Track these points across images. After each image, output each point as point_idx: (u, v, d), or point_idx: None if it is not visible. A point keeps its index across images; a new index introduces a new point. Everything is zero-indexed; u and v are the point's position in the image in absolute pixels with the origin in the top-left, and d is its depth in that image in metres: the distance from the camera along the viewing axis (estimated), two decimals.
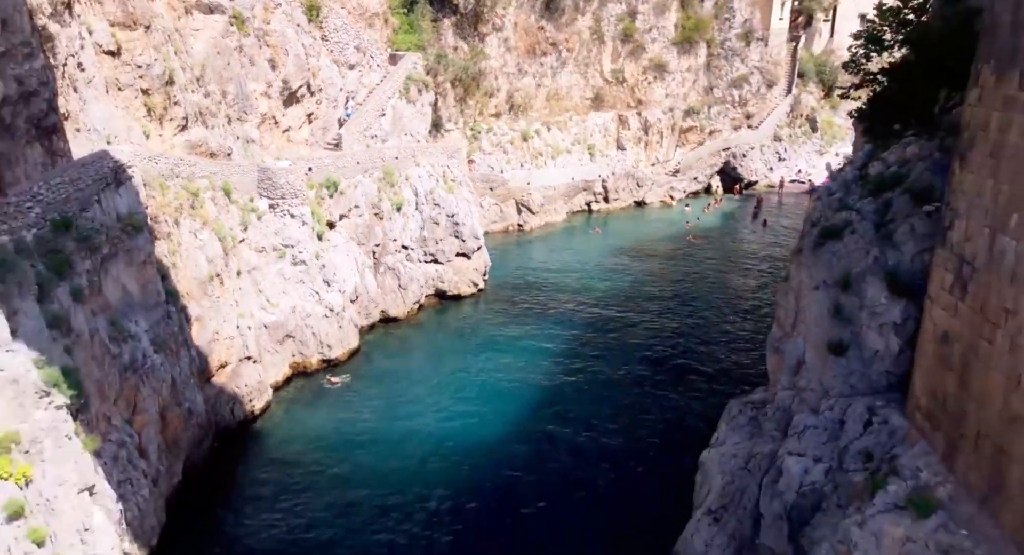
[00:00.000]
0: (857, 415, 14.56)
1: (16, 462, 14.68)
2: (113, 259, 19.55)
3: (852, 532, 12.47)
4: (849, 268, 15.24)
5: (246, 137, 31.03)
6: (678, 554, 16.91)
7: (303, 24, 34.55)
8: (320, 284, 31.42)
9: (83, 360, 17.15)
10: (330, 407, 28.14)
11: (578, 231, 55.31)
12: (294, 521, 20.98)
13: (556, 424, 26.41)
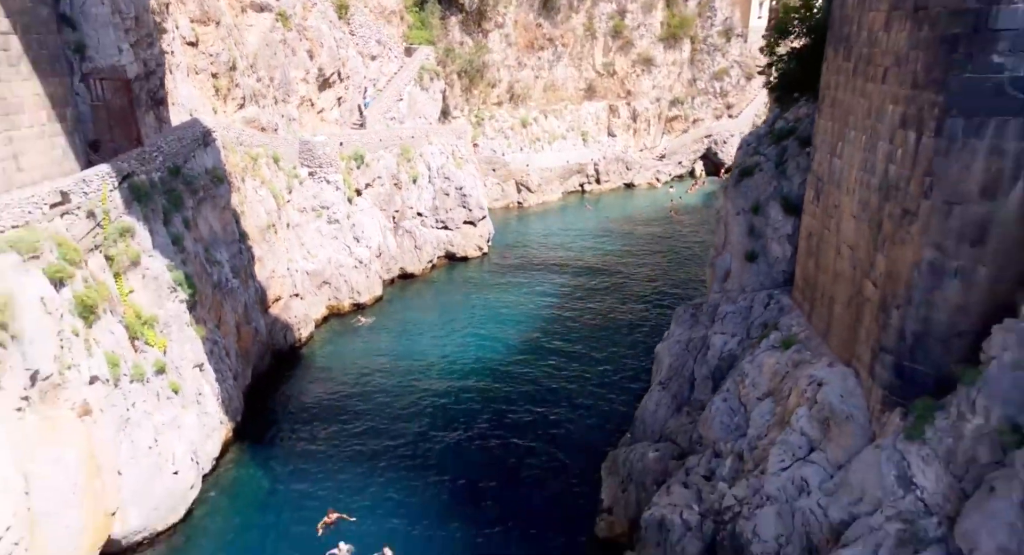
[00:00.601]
0: (760, 301, 20.17)
1: (158, 336, 20.23)
2: (204, 202, 25.09)
3: (745, 367, 18.09)
4: (759, 197, 20.84)
5: (288, 116, 36.54)
6: (637, 417, 22.48)
7: (334, 21, 40.05)
8: (351, 240, 36.98)
9: (193, 272, 22.71)
10: (360, 340, 33.63)
11: (572, 208, 60.82)
12: (332, 422, 26.12)
13: (548, 345, 31.92)
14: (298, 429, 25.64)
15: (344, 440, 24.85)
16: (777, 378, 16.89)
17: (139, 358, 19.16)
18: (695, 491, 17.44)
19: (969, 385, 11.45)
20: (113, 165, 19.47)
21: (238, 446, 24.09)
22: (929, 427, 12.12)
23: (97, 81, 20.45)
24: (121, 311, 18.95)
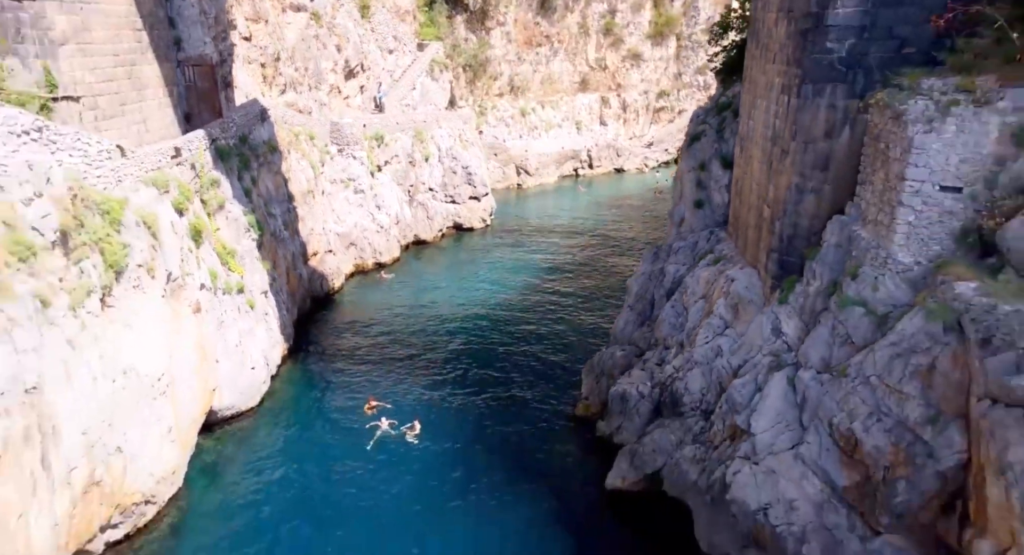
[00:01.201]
0: (704, 237, 25.85)
1: (237, 264, 25.89)
2: (263, 166, 30.77)
3: (687, 281, 23.78)
4: (704, 157, 26.50)
5: (320, 101, 42.16)
6: (611, 333, 28.16)
7: (358, 19, 45.65)
8: (373, 208, 42.65)
9: (258, 219, 28.37)
10: (382, 291, 39.27)
11: (566, 190, 66.50)
12: (363, 347, 31.63)
13: (543, 289, 37.57)
14: (336, 351, 31.31)
15: (374, 359, 30.49)
16: (708, 285, 22.60)
17: (227, 278, 24.84)
18: (649, 373, 23.15)
19: (812, 260, 17.19)
20: (206, 131, 25.12)
21: (291, 360, 29.77)
22: (791, 295, 17.86)
23: (189, 67, 26.00)
24: (213, 242, 24.61)
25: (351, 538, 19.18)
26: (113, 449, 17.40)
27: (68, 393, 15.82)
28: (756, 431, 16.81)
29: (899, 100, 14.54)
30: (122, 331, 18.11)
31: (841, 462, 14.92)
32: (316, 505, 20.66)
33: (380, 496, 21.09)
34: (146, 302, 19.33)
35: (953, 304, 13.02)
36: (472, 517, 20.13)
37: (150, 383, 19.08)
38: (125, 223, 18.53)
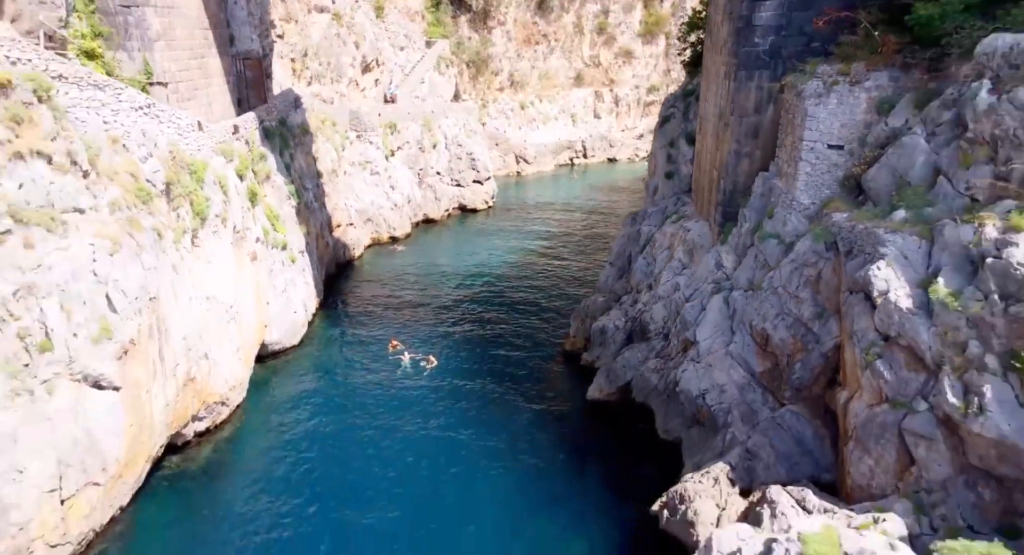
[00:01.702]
0: (671, 202, 30.61)
1: (281, 225, 30.61)
2: (298, 146, 35.52)
3: (656, 237, 28.54)
4: (673, 136, 31.26)
5: (340, 92, 46.89)
6: (596, 285, 32.94)
7: (373, 19, 50.35)
8: (388, 188, 47.42)
9: (297, 189, 33.13)
10: (396, 260, 44.01)
11: (562, 177, 71.28)
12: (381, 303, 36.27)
13: (540, 255, 42.32)
14: (360, 305, 36.10)
15: (392, 311, 35.25)
16: (671, 237, 27.38)
17: (274, 235, 29.61)
18: (623, 311, 27.94)
19: (744, 208, 21.99)
20: (255, 113, 29.86)
21: (322, 312, 34.53)
22: (730, 236, 22.66)
23: (240, 60, 30.68)
24: (263, 205, 29.35)
25: (380, 444, 23.81)
26: (202, 355, 22.23)
27: (174, 306, 20.64)
28: (700, 339, 21.63)
29: (800, 81, 19.32)
30: (206, 266, 22.92)
31: (757, 354, 19.74)
32: (351, 421, 25.29)
33: (405, 414, 25.74)
34: (220, 246, 24.13)
35: (831, 229, 17.82)
36: (479, 426, 24.85)
37: (224, 309, 23.90)
38: (206, 182, 23.33)
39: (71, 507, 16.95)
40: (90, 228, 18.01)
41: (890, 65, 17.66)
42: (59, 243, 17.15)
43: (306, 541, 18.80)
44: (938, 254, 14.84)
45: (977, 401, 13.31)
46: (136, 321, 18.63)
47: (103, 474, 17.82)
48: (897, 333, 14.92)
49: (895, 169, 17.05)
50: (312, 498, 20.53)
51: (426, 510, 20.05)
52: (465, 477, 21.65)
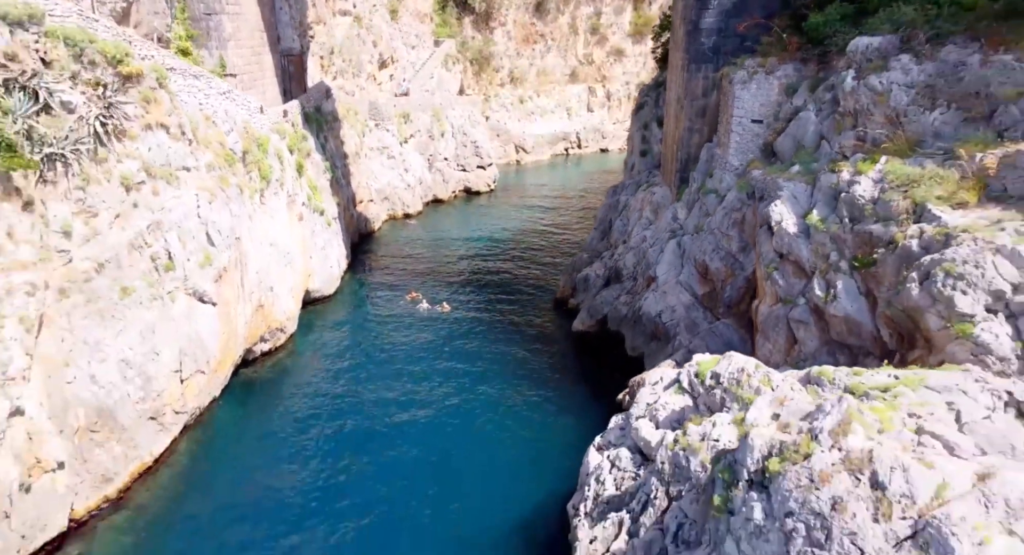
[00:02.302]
0: (645, 176, 36.31)
1: (319, 195, 36.35)
2: (330, 130, 41.22)
3: (630, 202, 34.25)
4: (647, 120, 36.96)
5: (360, 85, 52.56)
6: (583, 245, 38.63)
7: (388, 21, 55.99)
8: (402, 171, 53.12)
9: (330, 166, 38.85)
10: (409, 231, 49.78)
11: (558, 165, 76.95)
12: (399, 264, 42.13)
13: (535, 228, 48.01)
14: (381, 266, 41.85)
15: (410, 269, 40.98)
16: (642, 201, 33.10)
17: (315, 202, 35.34)
18: (603, 263, 33.67)
19: (693, 172, 27.74)
20: (298, 101, 35.55)
21: (350, 272, 40.28)
22: (683, 195, 28.40)
23: (284, 57, 36.32)
24: (306, 177, 35.05)
25: (406, 368, 29.53)
26: (268, 288, 28.00)
27: (250, 246, 26.40)
28: (659, 274, 27.38)
29: (733, 72, 25.03)
30: (270, 219, 28.67)
31: (699, 281, 25.49)
32: (381, 353, 30.94)
33: (425, 346, 31.45)
34: (279, 205, 29.87)
35: (751, 182, 23.54)
36: (485, 353, 30.53)
37: (282, 255, 29.66)
38: (269, 153, 29.06)
39: (187, 386, 22.74)
40: (194, 182, 23.76)
41: (794, 59, 23.36)
42: (175, 192, 22.90)
43: (348, 436, 24.54)
44: (816, 194, 20.57)
45: (833, 292, 19.06)
46: (227, 254, 24.40)
47: (207, 366, 23.61)
48: (787, 251, 20.66)
49: (795, 136, 22.78)
50: (351, 406, 26.13)
51: (442, 411, 25.81)
52: (474, 387, 27.40)
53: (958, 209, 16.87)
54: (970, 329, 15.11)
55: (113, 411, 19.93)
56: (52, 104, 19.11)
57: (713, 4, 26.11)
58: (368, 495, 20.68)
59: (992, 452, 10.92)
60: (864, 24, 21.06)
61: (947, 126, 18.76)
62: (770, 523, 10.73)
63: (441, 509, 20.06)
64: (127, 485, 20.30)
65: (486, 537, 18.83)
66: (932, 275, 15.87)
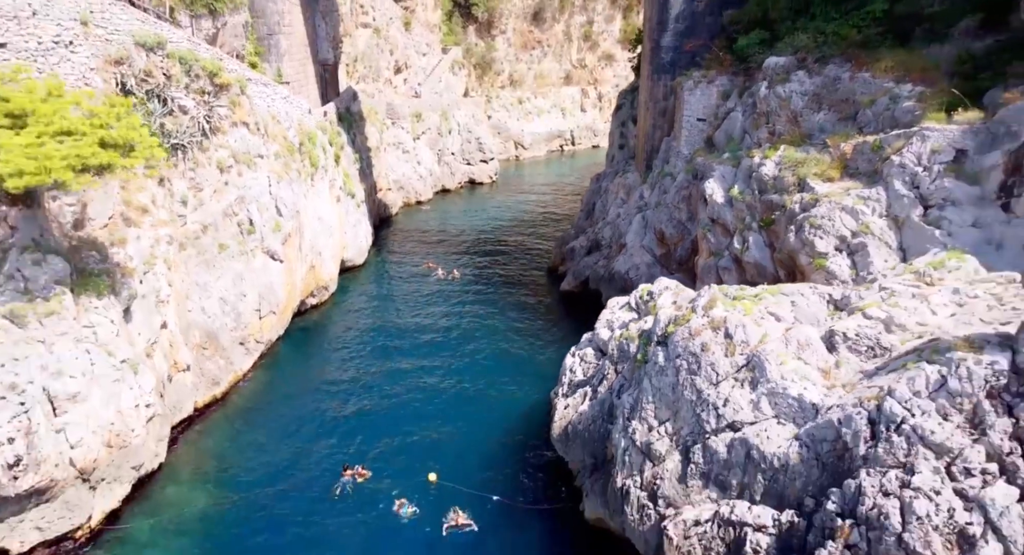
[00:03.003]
0: (622, 166, 42.90)
1: (350, 182, 43.00)
2: (356, 128, 47.76)
3: (609, 188, 40.84)
4: (624, 118, 43.57)
5: (379, 89, 59.10)
6: (572, 224, 45.21)
7: (402, 31, 62.48)
8: (415, 164, 59.72)
9: (358, 158, 45.47)
10: (422, 216, 56.40)
11: (553, 161, 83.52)
12: (414, 239, 48.87)
13: (532, 211, 54.58)
14: (400, 243, 48.46)
15: (424, 245, 47.60)
16: (618, 186, 39.68)
17: (348, 187, 41.92)
18: (587, 237, 40.26)
19: (655, 160, 34.36)
20: (334, 103, 42.08)
21: (374, 247, 46.88)
22: (648, 179, 35.03)
23: (321, 65, 42.83)
24: (341, 166, 41.62)
25: (425, 321, 36.16)
26: (317, 253, 34.62)
27: (305, 218, 33.01)
28: (628, 241, 34.00)
29: (683, 81, 31.61)
30: (317, 198, 35.28)
31: (657, 244, 32.12)
32: (405, 309, 37.49)
33: (440, 303, 38.04)
34: (323, 188, 36.49)
35: (696, 166, 30.14)
36: (489, 308, 37.15)
37: (327, 227, 36.28)
38: (316, 145, 35.65)
39: (264, 322, 29.38)
40: (266, 166, 30.36)
41: (727, 72, 29.91)
42: (254, 174, 29.50)
43: (379, 364, 31.24)
44: (738, 174, 27.16)
45: (746, 245, 25.66)
46: (291, 222, 31.02)
47: (276, 308, 30.26)
48: (717, 216, 27.25)
49: (727, 131, 29.37)
50: (382, 344, 32.82)
51: (457, 348, 32.47)
52: (481, 330, 34.03)
53: (827, 182, 23.51)
54: (824, 262, 21.80)
55: (217, 335, 26.60)
56: (174, 107, 25.72)
57: (670, 28, 32.68)
58: (398, 397, 27.37)
59: (804, 321, 17.55)
60: (774, 47, 27.62)
61: (827, 123, 25.39)
62: (667, 363, 17.39)
63: (460, 404, 26.74)
64: (226, 391, 26.96)
65: (495, 419, 25.52)
66: (803, 227, 22.57)
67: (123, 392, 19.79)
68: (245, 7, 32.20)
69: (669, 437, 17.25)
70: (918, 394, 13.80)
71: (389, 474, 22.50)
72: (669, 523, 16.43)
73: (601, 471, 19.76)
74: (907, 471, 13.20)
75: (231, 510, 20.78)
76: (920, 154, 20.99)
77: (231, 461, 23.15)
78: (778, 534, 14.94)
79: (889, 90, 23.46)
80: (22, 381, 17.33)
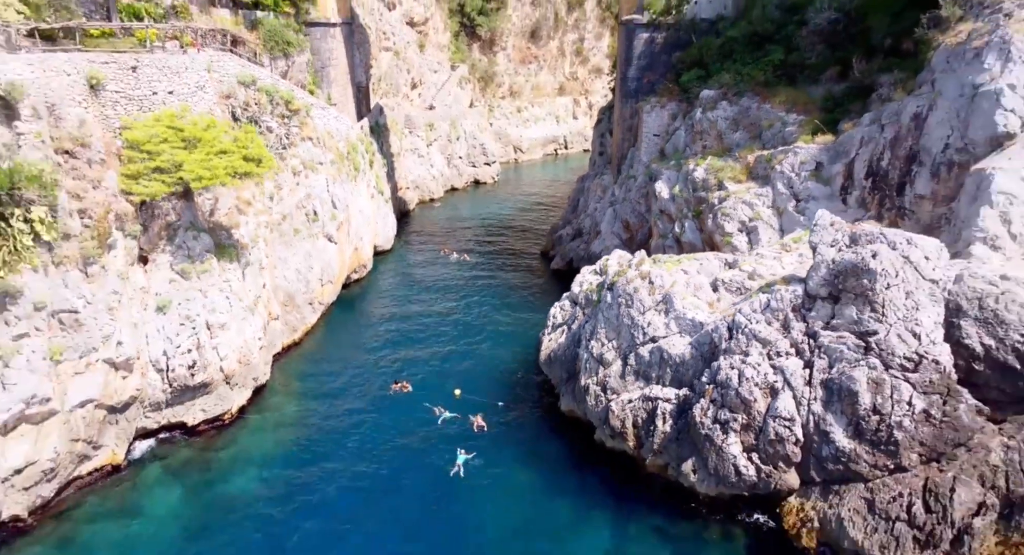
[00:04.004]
0: (602, 169, 51.55)
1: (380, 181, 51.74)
2: (383, 137, 56.40)
3: (589, 187, 49.52)
4: (603, 130, 52.21)
5: (397, 103, 67.70)
6: (561, 216, 53.89)
7: (418, 52, 71.03)
8: (429, 166, 68.37)
9: (385, 161, 54.14)
10: (435, 212, 65.01)
11: (548, 163, 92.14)
12: (431, 234, 57.43)
13: (531, 204, 63.16)
14: (418, 233, 57.09)
15: (439, 234, 56.23)
16: (597, 186, 48.32)
17: (379, 186, 50.55)
18: (572, 226, 48.92)
19: (623, 166, 43.07)
20: (367, 118, 50.67)
21: (397, 238, 55.51)
22: (619, 180, 43.74)
23: (356, 87, 51.37)
24: (373, 170, 50.20)
25: (441, 292, 44.71)
26: (359, 238, 43.32)
27: (352, 210, 41.69)
28: (602, 229, 42.69)
29: (643, 105, 40.24)
30: (358, 195, 43.96)
31: (624, 231, 40.81)
32: (426, 282, 46.17)
33: (453, 280, 46.60)
34: (363, 187, 45.16)
35: (651, 171, 38.80)
36: (494, 282, 45.80)
37: (365, 218, 44.96)
38: (358, 153, 44.31)
39: (324, 289, 38.04)
40: (324, 171, 38.98)
41: (675, 100, 38.49)
42: (316, 177, 38.11)
43: (409, 322, 39.98)
44: (679, 177, 35.79)
45: (683, 229, 34.30)
46: (342, 214, 39.69)
47: (332, 279, 38.93)
48: (664, 208, 35.90)
49: (674, 144, 38.00)
50: (410, 308, 41.59)
51: (467, 309, 41.16)
52: (488, 296, 42.69)
53: (736, 184, 32.19)
54: (730, 239, 30.52)
55: (294, 296, 35.28)
56: (263, 129, 34.34)
57: (634, 63, 41.28)
58: (426, 341, 36.06)
59: (704, 274, 26.21)
60: (707, 82, 36.23)
61: (741, 140, 34.04)
62: (612, 301, 26.08)
63: (474, 344, 35.43)
64: (301, 337, 35.62)
65: (500, 354, 34.22)
66: (717, 215, 31.28)
67: (247, 327, 28.49)
68: (307, 48, 40.79)
69: (614, 350, 25.95)
70: (755, 311, 22.53)
71: (424, 389, 31.16)
72: (612, 403, 25.15)
73: (572, 380, 28.46)
74: (744, 355, 21.93)
75: (315, 411, 29.45)
76: (794, 164, 29.71)
77: (311, 381, 31.86)
78: (677, 403, 23.66)
79: (781, 118, 32.17)
80: (192, 314, 26.04)
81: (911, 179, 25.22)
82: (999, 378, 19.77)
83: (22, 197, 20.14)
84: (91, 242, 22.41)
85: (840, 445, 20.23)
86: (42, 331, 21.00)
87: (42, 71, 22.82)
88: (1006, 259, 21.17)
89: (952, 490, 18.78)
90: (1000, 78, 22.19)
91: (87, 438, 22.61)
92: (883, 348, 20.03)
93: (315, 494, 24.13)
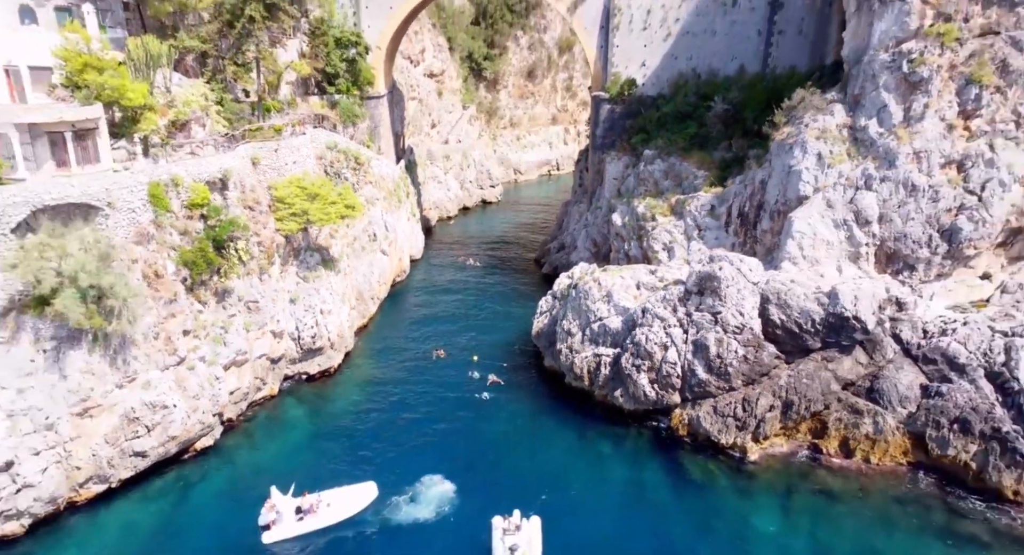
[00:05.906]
0: (580, 197, 65.41)
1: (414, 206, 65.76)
2: (413, 172, 70.19)
3: (571, 211, 63.37)
4: (581, 168, 66.06)
5: (420, 140, 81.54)
6: (551, 233, 67.65)
7: (436, 98, 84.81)
8: (446, 190, 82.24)
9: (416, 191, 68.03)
10: (451, 227, 78.81)
11: (543, 183, 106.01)
12: (451, 244, 71.19)
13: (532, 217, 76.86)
14: (441, 244, 70.89)
15: (458, 245, 70.00)
16: (576, 211, 62.18)
17: (413, 210, 64.37)
18: (559, 241, 62.76)
19: (595, 198, 56.98)
20: (404, 158, 64.45)
21: (425, 248, 69.28)
22: (591, 206, 57.64)
23: (395, 135, 64.98)
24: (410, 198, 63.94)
25: (462, 286, 58.62)
26: (402, 250, 57.21)
27: (397, 231, 55.56)
28: (578, 245, 56.53)
29: (606, 157, 54.05)
30: (401, 219, 57.83)
31: (592, 247, 54.67)
32: (451, 281, 59.96)
33: (468, 280, 60.39)
34: (404, 213, 59.04)
35: (610, 205, 52.60)
36: (497, 281, 59.54)
37: (404, 236, 58.81)
38: (399, 188, 58.19)
39: (379, 288, 51.94)
40: (380, 204, 52.83)
41: (628, 154, 52.23)
42: (374, 209, 51.95)
43: (438, 308, 53.89)
44: (628, 210, 49.54)
45: (630, 248, 48.11)
46: (392, 234, 53.60)
47: (385, 281, 52.83)
48: (617, 233, 49.69)
49: (627, 186, 51.79)
50: (438, 298, 55.48)
51: (478, 301, 55.03)
52: (493, 292, 56.54)
53: (664, 217, 46.02)
54: (658, 255, 44.43)
55: (363, 293, 49.17)
56: (341, 180, 48.17)
57: (600, 126, 55.07)
58: (450, 322, 49.92)
59: (632, 279, 40.02)
60: (649, 144, 50.03)
61: (669, 187, 47.87)
62: (576, 294, 39.97)
63: (484, 324, 49.27)
64: (366, 323, 49.50)
65: (505, 332, 48.05)
66: (650, 238, 45.19)
67: (342, 313, 42.34)
68: (367, 116, 54.69)
69: (577, 326, 39.73)
70: (658, 301, 36.41)
71: (453, 354, 44.96)
72: (575, 359, 38.96)
73: (551, 346, 42.23)
74: (650, 327, 35.79)
75: (383, 367, 43.28)
76: (698, 206, 43.54)
77: (379, 349, 45.73)
78: (613, 357, 37.49)
79: (693, 173, 46.00)
80: (311, 304, 39.92)
81: (759, 219, 39.09)
82: (788, 338, 33.63)
83: (233, 236, 33.99)
84: (264, 260, 36.28)
85: (701, 377, 34.07)
86: (241, 312, 34.86)
87: (231, 159, 36.65)
88: (798, 270, 35.06)
89: (757, 399, 32.68)
90: (801, 162, 36.06)
91: (261, 377, 36.49)
92: (724, 321, 33.89)
93: (389, 413, 37.99)
